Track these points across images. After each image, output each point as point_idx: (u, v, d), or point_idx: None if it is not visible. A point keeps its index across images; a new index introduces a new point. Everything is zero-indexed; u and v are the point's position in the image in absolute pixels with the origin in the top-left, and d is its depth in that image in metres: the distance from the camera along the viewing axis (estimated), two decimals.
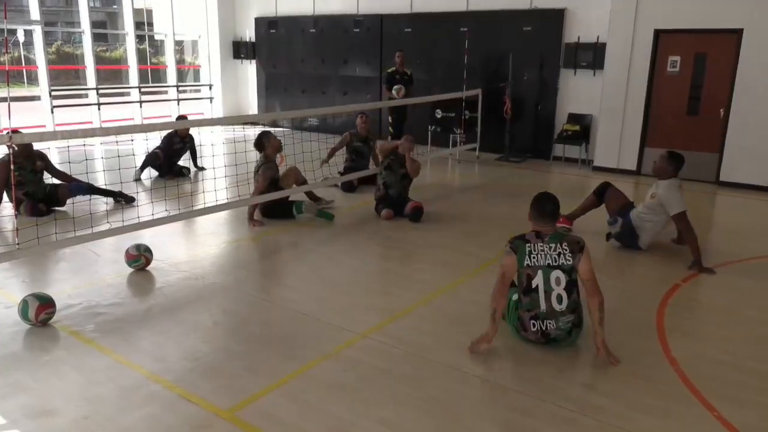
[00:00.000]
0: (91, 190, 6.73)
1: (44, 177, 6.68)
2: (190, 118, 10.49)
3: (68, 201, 6.71)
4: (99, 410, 2.97)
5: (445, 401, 3.12)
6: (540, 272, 3.48)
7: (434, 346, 3.66)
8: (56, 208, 6.57)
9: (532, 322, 3.53)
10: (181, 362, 3.45)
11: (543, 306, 3.48)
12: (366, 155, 8.13)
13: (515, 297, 3.66)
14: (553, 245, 3.49)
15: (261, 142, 6.34)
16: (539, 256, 3.48)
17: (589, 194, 6.00)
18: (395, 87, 9.69)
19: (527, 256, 3.48)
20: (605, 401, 3.11)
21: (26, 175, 6.37)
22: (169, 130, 8.69)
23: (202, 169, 8.93)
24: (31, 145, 6.43)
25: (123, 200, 6.88)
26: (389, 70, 10.06)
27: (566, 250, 3.49)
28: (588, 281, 3.50)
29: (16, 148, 5.96)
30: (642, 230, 5.43)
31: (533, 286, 3.48)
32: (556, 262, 3.47)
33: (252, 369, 3.38)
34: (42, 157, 6.67)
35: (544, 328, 3.51)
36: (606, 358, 3.44)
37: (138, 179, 8.14)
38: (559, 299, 3.47)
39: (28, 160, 6.43)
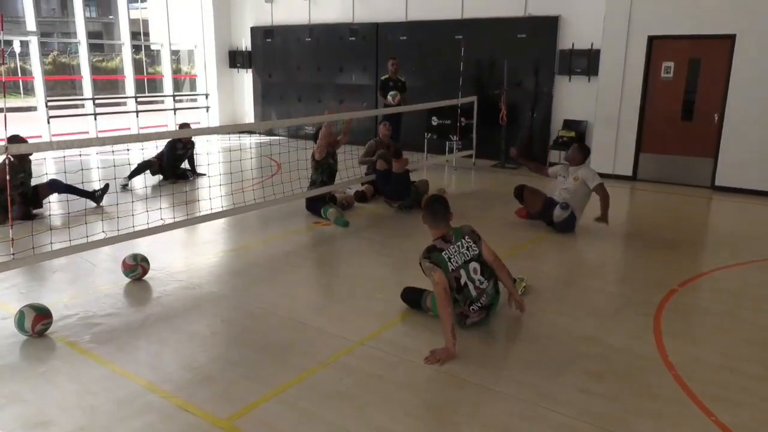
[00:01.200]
0: (68, 188, 6.80)
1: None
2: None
3: (46, 200, 6.89)
4: (95, 421, 2.96)
5: (441, 407, 3.12)
6: (462, 270, 3.79)
7: None
8: (35, 210, 6.70)
9: (471, 308, 3.85)
10: (178, 372, 3.44)
11: (474, 293, 3.84)
12: (389, 161, 8.19)
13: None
14: (459, 243, 3.83)
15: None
16: (456, 257, 3.78)
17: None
18: (390, 93, 9.72)
19: (448, 263, 3.73)
20: (601, 405, 3.11)
21: (25, 177, 6.46)
22: (167, 139, 8.76)
23: (200, 175, 8.97)
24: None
25: (101, 192, 7.03)
26: (383, 77, 10.13)
27: (470, 242, 3.88)
28: (493, 261, 3.95)
29: (12, 159, 5.99)
30: (577, 211, 6.21)
31: (462, 283, 3.79)
32: (468, 256, 3.84)
33: (249, 377, 3.37)
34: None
35: (480, 305, 3.88)
36: (520, 305, 4.08)
37: (126, 185, 8.10)
38: (481, 282, 3.87)
39: (25, 162, 6.56)
